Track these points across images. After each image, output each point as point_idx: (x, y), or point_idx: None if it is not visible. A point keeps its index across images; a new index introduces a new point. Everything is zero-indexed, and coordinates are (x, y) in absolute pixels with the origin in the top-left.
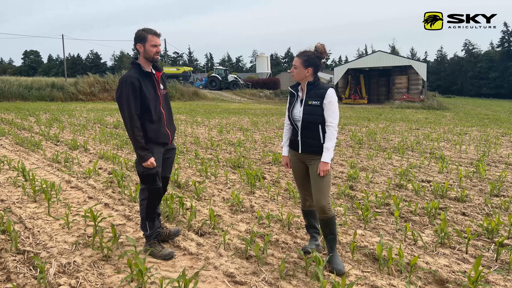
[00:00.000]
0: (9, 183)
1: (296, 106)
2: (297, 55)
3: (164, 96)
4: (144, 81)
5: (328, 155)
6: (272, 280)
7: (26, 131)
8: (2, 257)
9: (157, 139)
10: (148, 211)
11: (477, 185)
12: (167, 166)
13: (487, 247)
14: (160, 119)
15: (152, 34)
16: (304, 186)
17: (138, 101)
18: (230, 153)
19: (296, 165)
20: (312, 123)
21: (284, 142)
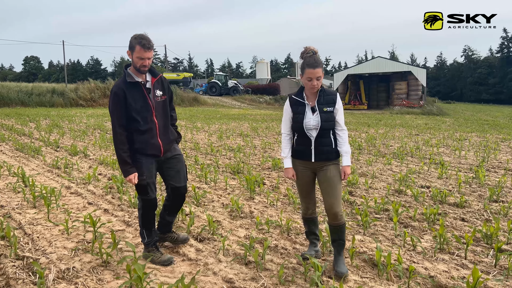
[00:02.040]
0: (8, 189)
1: (308, 115)
2: (314, 67)
3: (159, 104)
4: (130, 90)
5: (349, 159)
6: (271, 286)
7: (26, 137)
8: (2, 263)
9: (145, 151)
10: (143, 221)
11: (476, 190)
12: (173, 176)
13: (486, 253)
14: (150, 130)
15: (140, 46)
16: (309, 195)
17: (121, 112)
18: (229, 159)
19: (303, 174)
20: (327, 130)
21: (286, 154)
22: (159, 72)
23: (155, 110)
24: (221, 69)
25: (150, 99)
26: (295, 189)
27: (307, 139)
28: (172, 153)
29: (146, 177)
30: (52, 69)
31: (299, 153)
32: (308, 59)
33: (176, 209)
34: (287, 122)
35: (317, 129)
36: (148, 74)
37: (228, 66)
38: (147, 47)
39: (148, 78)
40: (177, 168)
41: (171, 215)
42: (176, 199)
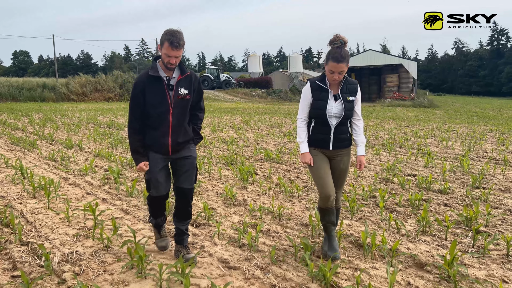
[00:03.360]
0: (7, 181)
1: (330, 102)
2: (339, 61)
3: (180, 102)
4: (150, 84)
5: (364, 149)
6: (264, 265)
7: (20, 131)
8: (8, 248)
9: (153, 148)
10: (149, 210)
11: (460, 178)
12: (179, 176)
13: (465, 234)
14: (162, 127)
15: (169, 43)
16: (329, 180)
17: (138, 104)
18: (223, 151)
19: (323, 160)
20: (347, 119)
21: (303, 139)
22: (188, 70)
23: (173, 108)
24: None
25: (169, 96)
26: (286, 178)
27: (326, 127)
28: (184, 154)
29: (149, 173)
30: (42, 64)
31: (317, 142)
32: (334, 50)
33: (181, 215)
34: (305, 108)
35: (338, 118)
36: (177, 71)
37: (220, 59)
38: (175, 45)
39: (175, 74)
40: (185, 169)
41: (179, 222)
42: (180, 201)
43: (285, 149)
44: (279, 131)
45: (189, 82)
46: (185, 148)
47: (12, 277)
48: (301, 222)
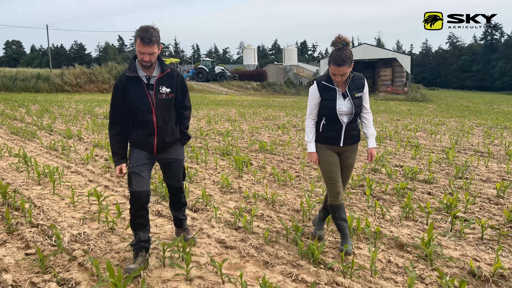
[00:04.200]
0: (11, 169)
1: (339, 101)
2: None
3: (162, 102)
4: (129, 84)
5: (374, 141)
6: (258, 245)
7: (19, 121)
8: (19, 229)
9: (138, 146)
10: (130, 218)
11: (445, 169)
12: (169, 177)
13: (445, 220)
14: (147, 127)
15: (140, 39)
16: (339, 177)
17: (118, 105)
18: (218, 142)
19: (331, 156)
20: (357, 115)
21: (310, 139)
22: (168, 68)
23: (156, 108)
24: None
25: (150, 95)
26: (280, 168)
27: (338, 124)
28: (170, 156)
29: (131, 166)
30: (35, 54)
31: (328, 139)
32: (335, 53)
33: (175, 205)
34: (313, 108)
35: (349, 115)
36: (157, 69)
37: (215, 51)
38: (146, 42)
39: (156, 73)
40: (172, 171)
41: (174, 210)
42: (172, 195)
43: (279, 140)
44: (273, 123)
45: (171, 79)
46: (171, 149)
47: (26, 254)
48: (293, 208)
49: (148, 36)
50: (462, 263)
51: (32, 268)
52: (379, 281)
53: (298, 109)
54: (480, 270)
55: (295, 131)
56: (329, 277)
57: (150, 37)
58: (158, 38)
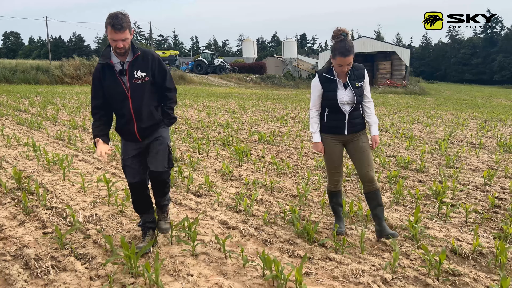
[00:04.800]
0: (21, 157)
1: (340, 92)
2: (346, 55)
3: (138, 86)
4: (103, 72)
5: (377, 128)
6: (257, 226)
7: (23, 112)
8: (35, 211)
9: (123, 136)
10: (132, 205)
11: (437, 159)
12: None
13: (433, 205)
14: (124, 114)
15: (111, 27)
16: (340, 167)
17: (96, 93)
18: (219, 133)
19: (334, 148)
20: (359, 104)
21: (315, 129)
22: (139, 50)
23: (131, 94)
24: (207, 47)
25: (123, 81)
26: (278, 158)
27: (340, 114)
28: (153, 136)
29: (122, 160)
30: (33, 45)
31: (332, 128)
32: (340, 44)
33: (157, 193)
34: (316, 99)
35: (351, 104)
36: (131, 54)
37: (214, 44)
38: (117, 28)
39: (129, 58)
40: (154, 150)
41: (156, 197)
42: (154, 183)
43: (277, 132)
44: (272, 115)
45: (146, 63)
46: (155, 131)
47: (44, 233)
48: (290, 194)
49: (119, 22)
50: (445, 243)
51: (50, 244)
52: (368, 256)
53: (297, 101)
54: (461, 248)
55: (293, 123)
56: (322, 253)
57: (121, 23)
58: (129, 23)
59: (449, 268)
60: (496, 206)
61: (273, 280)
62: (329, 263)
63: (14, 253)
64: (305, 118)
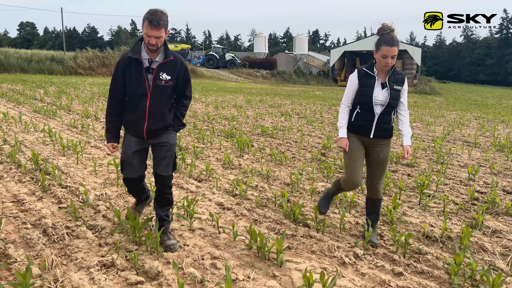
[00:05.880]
0: (38, 142)
1: (377, 90)
2: (392, 45)
3: (160, 88)
4: (129, 65)
5: (410, 139)
6: (250, 208)
7: (39, 101)
8: (52, 189)
9: (129, 131)
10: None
11: (429, 155)
12: (157, 163)
13: (415, 196)
14: (139, 110)
15: (148, 22)
16: (361, 168)
17: (117, 83)
18: (224, 126)
19: (357, 147)
20: (392, 108)
21: (343, 124)
22: (172, 55)
23: (151, 93)
24: (219, 42)
25: (147, 79)
26: (278, 150)
27: (370, 114)
28: (161, 140)
29: (123, 153)
30: (48, 36)
31: (358, 128)
32: (386, 36)
33: (160, 201)
34: (350, 94)
35: (383, 105)
36: (161, 55)
37: (226, 38)
38: (154, 24)
39: (159, 58)
40: (161, 155)
41: (158, 208)
42: (158, 186)
43: (280, 126)
44: (277, 111)
45: (173, 67)
46: (163, 134)
47: (59, 207)
48: (284, 182)
49: (157, 19)
50: (419, 227)
51: (65, 217)
52: (346, 236)
53: (305, 98)
54: (433, 232)
55: (297, 118)
56: (305, 232)
57: (159, 20)
58: (166, 22)
59: (417, 247)
60: (475, 199)
61: (258, 250)
62: (310, 240)
63: (33, 223)
64: (309, 113)
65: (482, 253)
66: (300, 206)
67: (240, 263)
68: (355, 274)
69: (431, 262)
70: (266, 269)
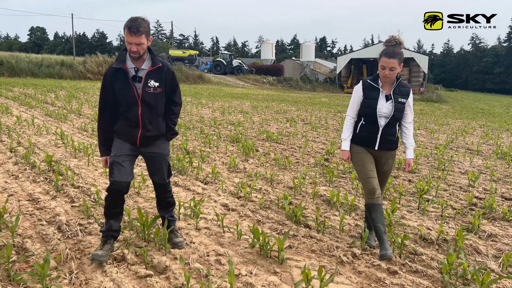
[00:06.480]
0: (51, 144)
1: (381, 102)
2: (390, 56)
3: (149, 95)
4: (116, 75)
5: (413, 152)
6: (254, 209)
7: (50, 105)
8: (65, 189)
9: (121, 136)
10: (105, 205)
11: (431, 162)
12: (154, 172)
13: (415, 201)
14: (131, 120)
15: (127, 29)
16: (374, 171)
17: (106, 95)
18: (230, 131)
19: (368, 156)
20: (396, 121)
21: (346, 136)
22: (160, 62)
23: (141, 101)
24: (226, 48)
25: (136, 88)
26: (282, 155)
27: (375, 126)
28: (153, 150)
29: (114, 156)
30: (58, 41)
31: (363, 140)
32: (388, 48)
33: (162, 204)
34: (355, 106)
35: (387, 118)
36: (147, 62)
37: (234, 45)
38: (133, 31)
39: (146, 66)
40: (155, 166)
41: (161, 210)
42: (158, 192)
43: (285, 132)
44: (283, 116)
45: (160, 74)
46: (155, 143)
47: (72, 206)
48: (288, 186)
49: (136, 26)
50: (416, 230)
51: (78, 215)
52: (345, 237)
53: (311, 104)
54: (429, 235)
55: (302, 124)
56: (306, 232)
57: (138, 27)
58: (147, 29)
59: (413, 248)
60: (473, 204)
61: (260, 248)
62: (310, 240)
63: (48, 220)
64: (314, 120)
65: (476, 255)
66: (302, 208)
67: (243, 260)
68: (352, 272)
69: (425, 262)
70: (267, 266)
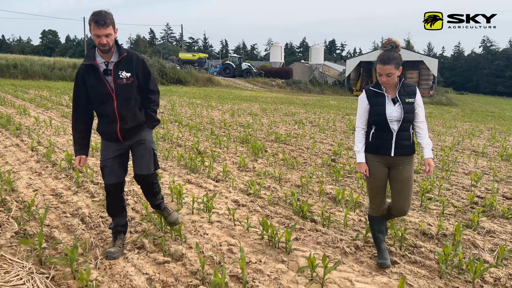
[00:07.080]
0: (69, 144)
1: (389, 106)
2: (385, 63)
3: (122, 87)
4: (87, 72)
5: (431, 151)
6: (263, 205)
7: (65, 106)
8: (85, 185)
9: (104, 135)
10: (106, 206)
11: (436, 163)
12: (136, 163)
13: (418, 199)
14: (108, 115)
15: (94, 23)
16: (383, 191)
17: (79, 93)
18: (239, 132)
19: (379, 170)
20: (409, 122)
21: (359, 148)
22: (125, 51)
23: (116, 94)
24: (235, 51)
25: (107, 82)
26: (290, 155)
27: (388, 132)
28: (136, 138)
29: (102, 160)
30: (69, 44)
31: (377, 148)
32: (383, 53)
33: (148, 195)
34: (362, 116)
35: (399, 121)
36: (115, 54)
37: (243, 47)
38: (101, 23)
39: (114, 58)
40: (139, 154)
41: (148, 199)
42: (142, 186)
43: (293, 133)
44: (292, 119)
45: (130, 63)
46: (137, 133)
47: (93, 200)
48: (295, 184)
49: (102, 18)
50: (417, 226)
51: (99, 208)
52: (349, 231)
53: (320, 107)
54: (430, 230)
55: (310, 126)
56: (312, 226)
57: (104, 19)
58: (113, 20)
59: (412, 241)
60: (474, 203)
61: (269, 240)
62: (316, 233)
63: (72, 212)
64: (322, 122)
65: (473, 249)
66: (309, 205)
67: (253, 250)
68: (355, 261)
69: (424, 254)
70: (276, 255)
